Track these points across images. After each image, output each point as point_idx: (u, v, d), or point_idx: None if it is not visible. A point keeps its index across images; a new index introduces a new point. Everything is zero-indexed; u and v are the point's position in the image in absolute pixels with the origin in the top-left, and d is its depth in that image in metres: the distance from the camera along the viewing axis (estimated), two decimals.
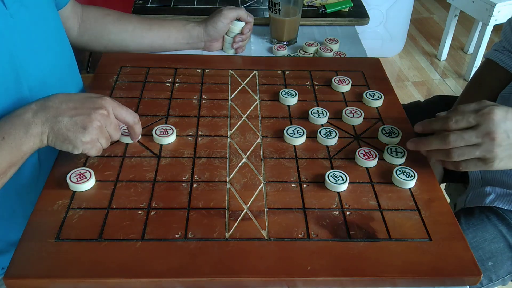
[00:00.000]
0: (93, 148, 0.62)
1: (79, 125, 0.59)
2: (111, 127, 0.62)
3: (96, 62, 0.90)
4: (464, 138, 0.60)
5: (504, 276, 0.83)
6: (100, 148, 0.63)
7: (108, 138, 0.63)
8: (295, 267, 0.54)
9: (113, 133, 0.63)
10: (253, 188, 0.64)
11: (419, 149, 0.66)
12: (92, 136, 0.60)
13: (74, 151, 0.61)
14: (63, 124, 0.59)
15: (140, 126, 0.67)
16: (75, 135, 0.59)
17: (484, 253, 0.80)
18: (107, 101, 0.62)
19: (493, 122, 0.60)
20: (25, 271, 0.52)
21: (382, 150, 0.71)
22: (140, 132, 0.68)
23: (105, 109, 0.61)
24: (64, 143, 0.60)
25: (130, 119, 0.65)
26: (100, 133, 0.61)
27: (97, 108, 0.60)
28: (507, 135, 0.60)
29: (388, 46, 2.40)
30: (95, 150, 0.62)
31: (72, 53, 0.81)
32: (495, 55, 0.96)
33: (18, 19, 0.64)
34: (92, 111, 0.60)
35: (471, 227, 0.82)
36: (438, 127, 0.64)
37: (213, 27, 0.92)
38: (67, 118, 0.59)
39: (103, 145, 0.63)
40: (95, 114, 0.60)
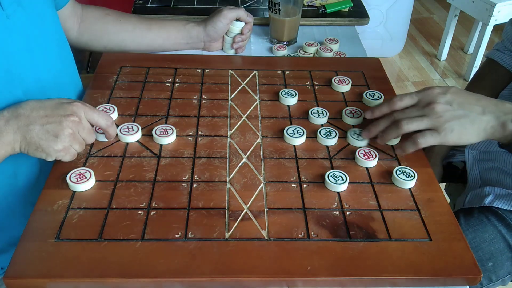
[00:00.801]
0: (66, 155, 0.62)
1: (50, 133, 0.59)
2: (84, 132, 0.63)
3: (96, 62, 0.90)
4: (408, 112, 0.66)
5: (504, 277, 0.83)
6: (74, 153, 0.63)
7: (82, 143, 0.63)
8: (295, 267, 0.54)
9: (87, 137, 0.64)
10: (253, 188, 0.64)
11: (373, 134, 0.70)
12: (65, 143, 0.60)
13: (47, 158, 0.61)
14: (34, 133, 0.59)
15: (115, 128, 0.68)
16: (47, 143, 0.59)
17: (484, 254, 0.80)
18: (78, 107, 0.62)
19: (433, 94, 0.66)
20: (25, 271, 0.52)
21: (382, 150, 0.71)
22: (115, 133, 0.68)
23: (76, 116, 0.61)
24: (37, 151, 0.60)
25: (103, 122, 0.65)
26: (73, 140, 0.61)
27: (68, 115, 0.60)
28: (449, 105, 0.64)
29: (388, 46, 2.40)
30: (69, 156, 0.62)
31: (71, 54, 0.81)
32: (496, 55, 0.96)
33: (14, 20, 0.64)
34: (63, 118, 0.60)
35: (470, 228, 0.82)
36: (386, 110, 0.69)
37: (212, 27, 0.92)
38: (39, 127, 0.59)
39: (77, 150, 0.63)
40: (66, 122, 0.60)
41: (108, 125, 0.66)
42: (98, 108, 0.74)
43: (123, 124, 0.72)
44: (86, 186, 0.62)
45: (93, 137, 0.65)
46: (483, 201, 0.83)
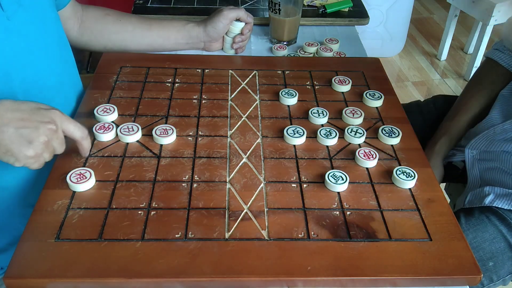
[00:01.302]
0: (35, 163, 0.59)
1: (24, 138, 0.56)
2: (57, 142, 0.60)
3: (96, 62, 0.90)
4: None
5: (505, 276, 0.83)
6: (43, 162, 0.60)
7: (52, 152, 0.60)
8: (295, 267, 0.54)
9: (58, 148, 0.61)
10: (253, 188, 0.64)
11: None
12: (37, 150, 0.57)
13: (15, 164, 0.58)
14: (7, 135, 0.55)
15: (89, 141, 0.65)
16: (19, 148, 0.56)
17: (484, 253, 0.80)
18: (56, 115, 0.59)
19: None
20: (25, 271, 0.52)
21: (382, 150, 0.71)
22: (89, 147, 0.66)
23: (53, 124, 0.58)
24: (6, 155, 0.57)
25: (78, 134, 0.62)
26: (46, 148, 0.58)
27: (46, 122, 0.58)
28: None
29: (388, 46, 2.40)
30: (37, 164, 0.59)
31: (71, 54, 0.81)
32: (495, 54, 0.96)
33: (15, 21, 0.64)
34: (40, 124, 0.57)
35: (471, 228, 0.82)
36: None
37: (212, 28, 0.92)
38: (12, 129, 0.56)
39: (46, 159, 0.60)
40: (43, 128, 0.57)
41: (83, 137, 0.63)
42: (97, 108, 0.74)
43: (123, 124, 0.72)
44: (86, 186, 0.62)
45: (63, 149, 0.62)
46: (483, 201, 0.83)
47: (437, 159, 0.93)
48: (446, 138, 0.93)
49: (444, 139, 0.93)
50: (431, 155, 0.93)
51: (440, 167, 0.93)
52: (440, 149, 0.93)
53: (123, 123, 0.72)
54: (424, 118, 1.05)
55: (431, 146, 0.94)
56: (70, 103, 0.79)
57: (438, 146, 0.93)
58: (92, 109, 0.75)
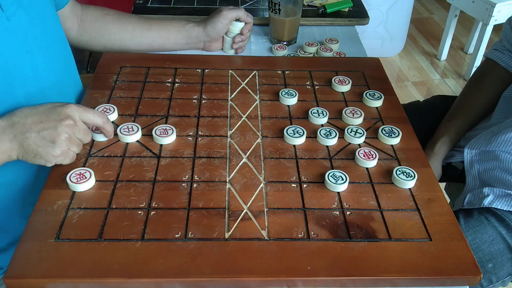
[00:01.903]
0: (66, 159, 0.62)
1: (47, 140, 0.59)
2: (80, 133, 0.63)
3: (96, 62, 0.90)
4: None
5: (505, 278, 0.83)
6: (73, 155, 0.63)
7: (79, 144, 0.64)
8: (295, 267, 0.54)
9: (83, 138, 0.64)
10: (253, 188, 0.64)
11: None
12: (63, 148, 0.60)
13: (47, 164, 0.61)
14: (31, 140, 0.59)
15: (111, 125, 0.68)
16: (45, 150, 0.59)
17: (484, 255, 0.80)
18: (72, 109, 0.61)
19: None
20: (25, 271, 0.52)
21: (382, 150, 0.71)
22: (112, 130, 0.68)
23: (70, 119, 0.61)
24: (36, 158, 0.60)
25: (99, 120, 0.65)
26: (70, 143, 0.61)
27: (63, 119, 0.60)
28: None
29: (388, 46, 2.40)
30: (68, 159, 0.63)
31: (71, 54, 0.81)
32: (495, 55, 0.96)
33: (15, 21, 0.64)
34: (58, 123, 0.60)
35: (470, 229, 0.82)
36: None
37: (212, 28, 0.92)
38: (35, 134, 0.59)
39: (76, 152, 0.63)
40: (61, 126, 0.60)
41: (105, 121, 0.66)
42: (97, 108, 0.74)
43: (123, 124, 0.72)
44: (86, 186, 0.62)
45: (90, 137, 0.65)
46: (483, 202, 0.83)
47: (436, 159, 0.93)
48: (445, 139, 0.93)
49: (443, 140, 0.93)
50: (430, 156, 0.92)
51: (438, 168, 0.93)
52: (439, 150, 0.93)
53: (123, 123, 0.72)
54: (423, 118, 1.05)
55: (430, 146, 0.94)
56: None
57: (437, 146, 0.93)
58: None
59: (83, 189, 0.62)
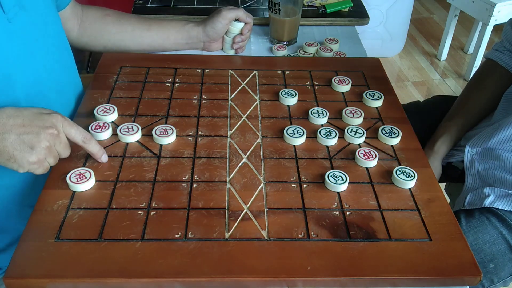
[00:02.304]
0: (39, 168, 0.59)
1: (26, 144, 0.57)
2: (60, 146, 0.60)
3: (96, 62, 0.90)
4: None
5: (506, 278, 0.83)
6: (47, 167, 0.60)
7: (56, 157, 0.61)
8: (295, 267, 0.54)
9: (62, 152, 0.61)
10: (253, 188, 0.64)
11: None
12: (40, 156, 0.58)
13: (19, 170, 0.58)
14: (9, 142, 0.56)
15: (94, 144, 0.64)
16: (21, 154, 0.57)
17: (485, 255, 0.80)
18: (58, 119, 0.59)
19: None
20: (25, 271, 0.52)
21: (382, 150, 0.71)
22: (98, 150, 0.65)
23: (55, 128, 0.59)
24: (9, 162, 0.57)
25: (79, 138, 0.62)
26: (49, 153, 0.59)
27: (47, 126, 0.58)
28: None
29: (388, 46, 2.40)
30: (42, 169, 0.60)
31: (71, 56, 0.81)
32: (495, 55, 0.96)
33: (16, 23, 0.64)
34: (41, 130, 0.57)
35: (471, 229, 0.82)
36: None
37: (211, 28, 0.92)
38: (14, 136, 0.56)
39: (51, 164, 0.61)
40: (44, 134, 0.57)
41: (84, 141, 0.62)
42: (97, 108, 0.74)
43: (123, 124, 0.72)
44: (86, 186, 0.62)
45: (68, 152, 0.62)
46: (483, 202, 0.83)
47: (435, 158, 0.93)
48: (445, 138, 0.93)
49: (443, 139, 0.93)
50: (430, 155, 0.93)
51: (438, 167, 0.93)
52: (438, 149, 0.93)
53: (123, 123, 0.72)
54: (424, 118, 1.05)
55: (430, 146, 0.94)
56: (70, 104, 0.79)
57: (437, 145, 0.93)
58: (92, 109, 0.75)
59: (83, 189, 0.62)
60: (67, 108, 0.77)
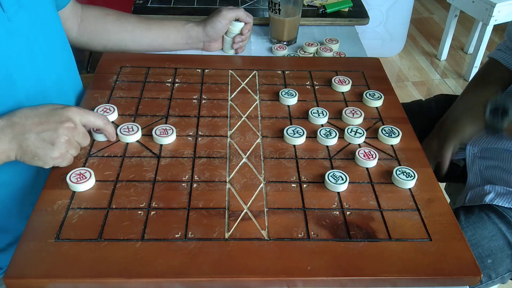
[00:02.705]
0: (64, 161, 0.62)
1: (47, 141, 0.59)
2: (80, 137, 0.63)
3: (96, 62, 0.90)
4: None
5: (504, 274, 0.83)
6: (71, 158, 0.63)
7: (78, 148, 0.64)
8: (295, 267, 0.54)
9: (82, 141, 0.64)
10: (253, 188, 0.64)
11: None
12: (61, 150, 0.60)
13: (44, 166, 0.61)
14: (30, 141, 0.58)
15: (112, 125, 0.68)
16: (44, 151, 0.59)
17: (483, 251, 0.80)
18: (73, 112, 0.61)
19: None
20: (25, 271, 0.52)
21: (382, 150, 0.71)
22: (114, 131, 0.68)
23: (71, 121, 0.61)
24: (34, 160, 0.60)
25: (100, 122, 0.65)
26: (69, 146, 0.61)
27: (63, 121, 0.60)
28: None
29: (388, 46, 2.40)
30: (66, 162, 0.63)
31: (71, 55, 0.81)
32: (498, 55, 0.96)
33: (16, 22, 0.64)
34: (58, 125, 0.59)
35: (470, 225, 0.82)
36: None
37: (211, 28, 0.92)
38: (34, 135, 0.58)
39: (73, 155, 0.63)
40: (62, 129, 0.59)
41: (106, 123, 0.66)
42: (97, 108, 0.74)
43: (123, 124, 0.72)
44: (86, 186, 0.62)
45: (88, 140, 0.65)
46: (484, 199, 0.83)
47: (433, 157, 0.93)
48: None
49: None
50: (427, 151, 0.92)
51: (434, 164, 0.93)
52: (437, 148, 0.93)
53: (123, 123, 0.72)
54: (425, 117, 1.05)
55: (428, 142, 0.94)
56: (71, 103, 0.79)
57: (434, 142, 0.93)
58: (92, 109, 0.75)
59: (83, 189, 0.62)
60: None
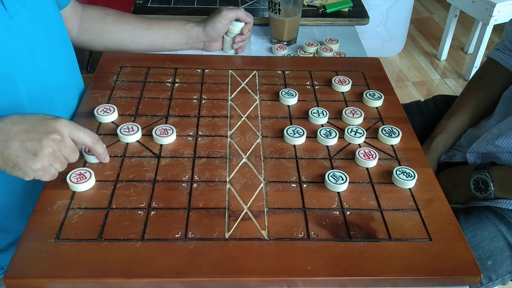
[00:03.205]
0: (45, 175, 0.58)
1: (29, 151, 0.55)
2: (66, 151, 0.59)
3: (96, 62, 0.90)
4: None
5: (504, 275, 0.83)
6: (54, 173, 0.59)
7: (63, 162, 0.59)
8: (295, 267, 0.54)
9: (69, 156, 0.60)
10: (253, 188, 0.64)
11: None
12: (44, 163, 0.56)
13: (24, 178, 0.57)
14: (12, 149, 0.55)
15: (102, 145, 0.64)
16: (25, 162, 0.55)
17: (483, 252, 0.80)
18: (62, 124, 0.58)
19: None
20: (25, 271, 0.52)
21: (382, 150, 0.71)
22: (104, 151, 0.64)
23: (58, 133, 0.57)
24: (14, 169, 0.56)
25: (89, 140, 0.61)
26: (53, 159, 0.57)
27: (50, 132, 0.56)
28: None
29: (388, 46, 2.40)
30: (48, 176, 0.58)
31: (73, 54, 0.81)
32: (496, 55, 0.97)
33: (18, 20, 0.64)
34: (44, 136, 0.56)
35: (470, 226, 0.82)
36: None
37: (211, 28, 0.92)
38: (18, 143, 0.55)
39: (58, 169, 0.59)
40: (46, 140, 0.56)
41: (94, 142, 0.62)
42: (97, 108, 0.74)
43: (123, 124, 0.72)
44: (86, 186, 0.62)
45: (76, 156, 0.61)
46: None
47: (432, 156, 0.93)
48: (443, 136, 0.94)
49: (441, 137, 0.94)
50: (426, 152, 0.93)
51: (434, 165, 0.93)
52: (435, 146, 0.93)
53: (123, 123, 0.72)
54: (424, 118, 1.05)
55: (428, 143, 0.94)
56: (72, 103, 0.79)
57: (434, 143, 0.93)
58: (92, 109, 0.75)
59: (83, 189, 0.62)
60: (69, 106, 0.77)
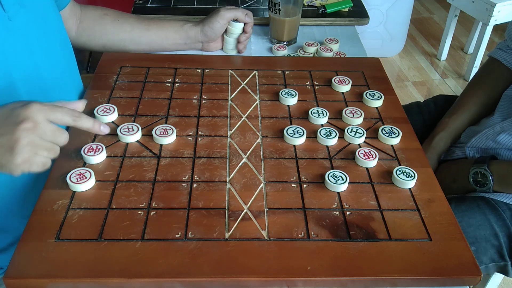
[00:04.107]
0: (33, 166, 0.53)
1: (5, 148, 0.51)
2: (48, 135, 0.53)
3: (96, 62, 0.90)
4: None
5: (488, 264, 0.83)
6: (44, 162, 0.54)
7: (50, 148, 0.54)
8: (295, 267, 0.54)
9: (54, 139, 0.54)
10: (253, 188, 0.64)
11: None
12: (24, 156, 0.51)
13: (13, 174, 0.53)
14: None
15: (87, 119, 0.57)
16: (5, 159, 0.51)
17: (468, 238, 0.80)
18: (33, 109, 0.52)
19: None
20: (25, 271, 0.52)
21: (382, 150, 0.71)
22: (93, 124, 0.58)
23: (29, 121, 0.51)
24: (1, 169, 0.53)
25: (69, 118, 0.55)
26: (35, 148, 0.52)
27: (20, 122, 0.51)
28: None
29: (388, 46, 2.40)
30: (37, 166, 0.54)
31: (72, 54, 0.81)
32: (498, 54, 0.97)
33: (16, 21, 0.64)
34: (14, 127, 0.51)
35: (459, 212, 0.82)
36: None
37: (209, 28, 0.92)
38: None
39: (49, 156, 0.54)
40: (18, 131, 0.50)
41: (75, 119, 0.55)
42: (97, 108, 0.74)
43: (123, 124, 0.72)
44: (86, 186, 0.62)
45: (64, 137, 0.55)
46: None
47: (432, 154, 0.93)
48: (443, 134, 0.94)
49: (442, 135, 0.94)
50: (427, 150, 0.93)
51: (434, 163, 0.93)
52: (436, 144, 0.93)
53: (123, 123, 0.72)
54: (424, 118, 1.05)
55: (428, 141, 0.94)
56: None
57: (435, 141, 0.93)
58: (92, 109, 0.75)
59: (83, 189, 0.62)
60: None
